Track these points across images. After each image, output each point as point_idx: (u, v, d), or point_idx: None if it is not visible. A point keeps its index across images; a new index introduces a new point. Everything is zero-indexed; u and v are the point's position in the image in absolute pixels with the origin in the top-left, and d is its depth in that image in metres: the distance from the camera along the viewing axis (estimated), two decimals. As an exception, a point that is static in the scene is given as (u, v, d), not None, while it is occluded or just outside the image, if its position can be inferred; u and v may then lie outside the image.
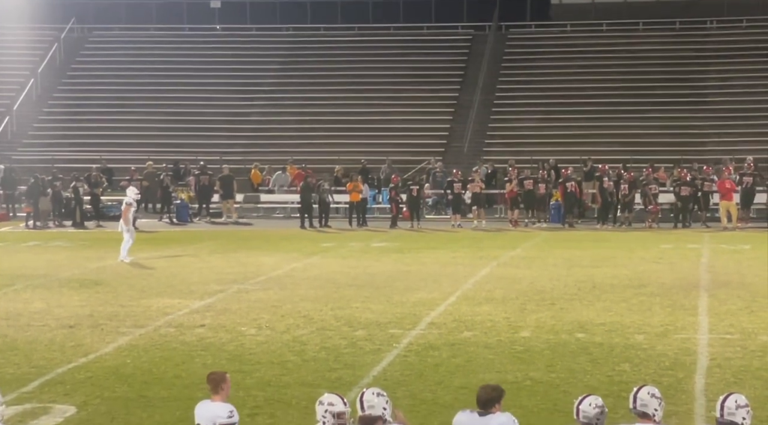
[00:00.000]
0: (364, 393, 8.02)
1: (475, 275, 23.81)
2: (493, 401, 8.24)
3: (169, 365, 15.30)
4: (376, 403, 7.97)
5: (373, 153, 41.48)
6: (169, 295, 21.27)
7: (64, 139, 44.79)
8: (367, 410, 7.96)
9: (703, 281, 22.77)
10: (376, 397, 7.99)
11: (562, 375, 14.52)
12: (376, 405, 7.97)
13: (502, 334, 17.15)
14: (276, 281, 23.24)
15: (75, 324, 18.23)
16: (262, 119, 45.74)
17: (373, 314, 18.93)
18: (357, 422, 8.02)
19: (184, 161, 41.36)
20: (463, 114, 44.99)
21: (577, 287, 21.87)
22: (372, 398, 7.98)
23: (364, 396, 8.00)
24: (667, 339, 16.66)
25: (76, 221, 36.75)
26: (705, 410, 12.48)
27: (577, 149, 40.32)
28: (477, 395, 8.29)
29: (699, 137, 42.43)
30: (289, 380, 14.38)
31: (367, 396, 8.00)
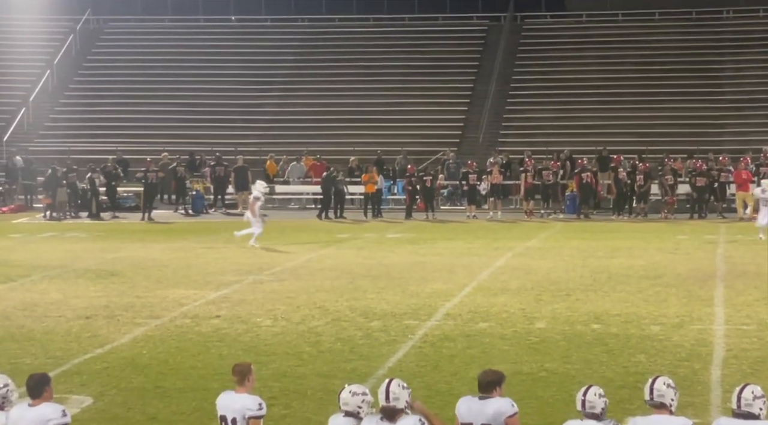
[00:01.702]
0: (391, 384, 8.06)
1: (490, 266, 23.79)
2: (493, 384, 8.29)
3: (185, 356, 15.34)
4: (401, 396, 8.04)
5: (388, 144, 41.46)
6: (185, 286, 21.32)
7: (79, 130, 44.89)
8: (392, 401, 8.01)
9: (720, 271, 22.70)
10: (402, 389, 8.05)
11: (577, 366, 14.51)
12: (400, 398, 8.04)
13: (518, 325, 17.14)
14: (291, 272, 23.27)
15: (91, 315, 18.29)
16: (277, 110, 45.76)
17: (389, 305, 18.94)
18: (378, 411, 8.06)
19: (200, 152, 41.41)
20: (478, 105, 44.92)
21: (593, 278, 21.83)
22: (398, 390, 8.03)
23: (391, 386, 8.03)
24: (683, 330, 16.63)
25: (92, 212, 36.85)
26: (721, 401, 12.45)
27: (593, 140, 40.22)
28: (478, 379, 8.36)
29: (715, 127, 42.28)
30: (304, 371, 14.40)
31: (394, 387, 8.04)
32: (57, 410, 8.23)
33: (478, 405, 8.24)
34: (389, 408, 8.01)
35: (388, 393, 8.02)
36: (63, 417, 8.21)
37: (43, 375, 8.50)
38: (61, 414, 8.21)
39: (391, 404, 8.02)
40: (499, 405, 8.22)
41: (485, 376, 8.40)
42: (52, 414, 8.18)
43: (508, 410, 8.20)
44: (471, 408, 8.25)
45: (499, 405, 8.21)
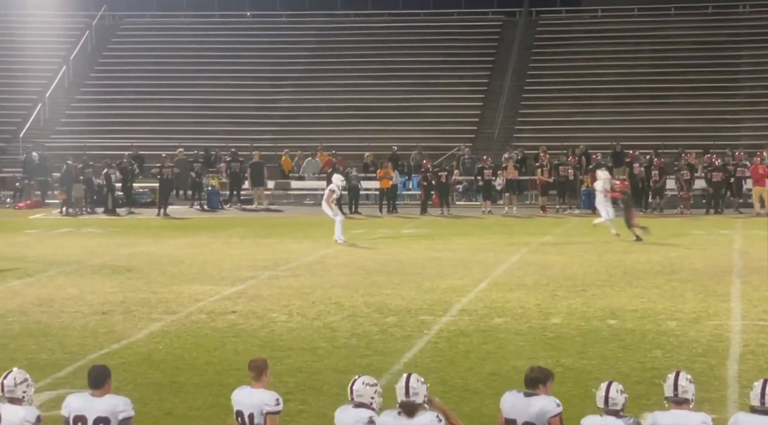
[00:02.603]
0: (410, 379, 8.06)
1: (505, 261, 23.77)
2: (537, 381, 8.29)
3: (200, 351, 15.37)
4: (420, 391, 8.05)
5: (403, 140, 41.45)
6: (201, 282, 21.36)
7: (95, 126, 45.00)
8: (412, 396, 8.02)
9: (736, 267, 22.63)
10: (421, 385, 8.06)
11: (593, 361, 14.48)
12: (419, 393, 8.06)
13: (533, 320, 17.11)
14: (307, 267, 23.29)
15: (107, 311, 18.34)
16: (292, 106, 45.79)
17: (404, 300, 18.94)
18: (398, 406, 8.06)
19: (215, 148, 41.48)
20: (494, 100, 44.87)
21: (609, 273, 21.79)
22: (417, 385, 8.05)
23: (410, 382, 8.04)
24: (699, 326, 16.58)
25: (108, 207, 36.95)
26: (738, 396, 12.41)
27: (608, 135, 40.13)
28: (525, 375, 8.38)
29: (731, 122, 42.14)
30: (320, 366, 14.41)
31: (413, 382, 8.05)
32: (127, 402, 8.40)
33: (523, 402, 8.22)
34: (408, 403, 8.02)
35: (408, 388, 8.03)
36: (132, 410, 8.41)
37: (105, 367, 8.65)
38: (130, 406, 8.39)
39: (410, 399, 8.03)
40: (544, 404, 8.20)
41: (531, 372, 8.39)
42: (123, 406, 8.35)
43: (553, 409, 8.19)
44: (515, 404, 8.24)
45: (544, 404, 8.20)
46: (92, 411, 8.29)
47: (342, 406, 8.37)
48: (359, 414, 8.12)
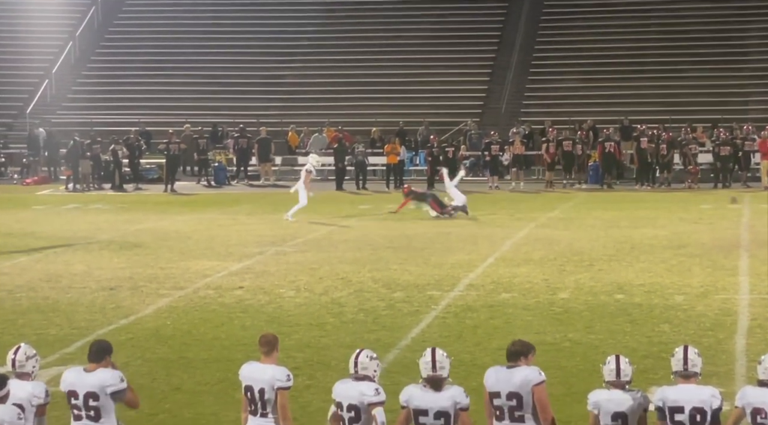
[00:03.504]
0: (436, 353, 8.11)
1: (513, 236, 23.76)
2: (519, 354, 8.33)
3: (208, 326, 15.42)
4: (446, 365, 8.13)
5: (410, 115, 41.35)
6: (208, 257, 21.39)
7: (102, 102, 44.95)
8: (438, 371, 8.07)
9: (744, 241, 22.60)
10: (446, 359, 8.13)
11: (601, 336, 14.50)
12: (445, 367, 8.13)
13: (541, 295, 17.12)
14: (314, 243, 23.30)
15: (115, 286, 18.39)
16: (299, 82, 45.68)
17: (411, 276, 18.95)
18: (423, 381, 8.09)
19: (222, 123, 41.44)
20: (501, 75, 44.72)
21: (616, 248, 21.78)
22: (443, 359, 8.13)
23: (436, 357, 8.11)
24: (707, 300, 16.58)
25: (115, 184, 36.98)
26: (746, 370, 12.42)
27: (616, 110, 40.00)
28: (507, 349, 8.43)
29: (739, 96, 41.96)
30: (327, 341, 14.45)
31: (439, 356, 8.11)
32: (115, 376, 8.39)
33: (506, 374, 8.26)
34: (436, 377, 8.07)
35: (435, 362, 8.10)
36: (121, 383, 8.38)
37: (107, 343, 8.67)
38: (119, 380, 8.38)
39: (437, 373, 8.07)
40: (527, 373, 8.24)
41: (513, 346, 8.44)
42: (111, 380, 8.35)
43: (535, 378, 8.21)
44: (498, 377, 8.28)
45: (526, 374, 8.24)
46: (83, 386, 8.33)
47: (342, 380, 8.39)
48: (364, 386, 8.14)
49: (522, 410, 8.17)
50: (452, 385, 8.14)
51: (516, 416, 8.19)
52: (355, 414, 8.12)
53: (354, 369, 8.24)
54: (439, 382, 8.08)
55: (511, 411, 8.19)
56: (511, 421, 8.21)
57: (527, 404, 8.17)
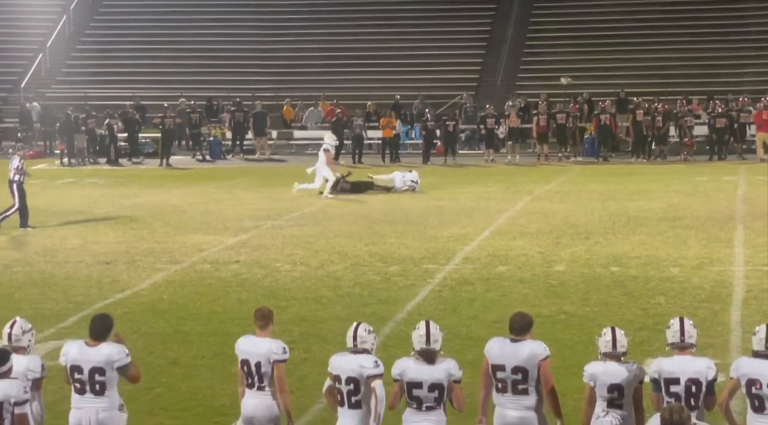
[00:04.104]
0: (430, 327, 8.12)
1: (508, 209, 23.77)
2: (527, 327, 8.35)
3: (204, 300, 15.44)
4: (439, 338, 8.14)
5: (406, 89, 41.24)
6: (204, 231, 21.39)
7: (97, 76, 44.80)
8: (432, 344, 8.10)
9: (739, 213, 22.62)
10: (439, 332, 8.15)
11: (596, 308, 14.54)
12: (439, 340, 8.15)
13: (537, 268, 17.15)
14: (310, 217, 23.31)
15: (111, 261, 18.39)
16: (294, 55, 45.50)
17: (407, 249, 18.97)
18: (416, 354, 8.11)
19: (217, 97, 41.34)
20: (496, 48, 44.60)
21: (612, 220, 21.79)
22: (437, 333, 8.18)
23: (430, 330, 8.13)
24: (702, 272, 16.61)
25: (110, 158, 36.92)
26: (741, 341, 12.46)
27: (612, 82, 39.94)
28: (511, 322, 8.39)
29: (735, 68, 41.87)
30: (324, 315, 14.47)
31: (433, 330, 8.16)
32: (121, 350, 8.42)
33: (512, 348, 8.27)
34: (429, 350, 8.10)
35: (429, 335, 8.12)
36: (126, 357, 8.42)
37: (109, 319, 8.64)
38: (125, 355, 8.41)
39: (431, 346, 8.10)
40: (533, 348, 8.27)
41: (520, 318, 8.43)
42: (118, 355, 8.38)
43: (542, 353, 8.26)
44: (504, 350, 8.28)
45: (533, 348, 8.26)
46: (88, 361, 8.34)
47: (338, 353, 8.40)
48: (363, 359, 8.16)
49: (526, 383, 8.22)
50: (445, 358, 8.16)
51: (519, 389, 8.23)
52: (354, 386, 8.15)
53: (353, 342, 8.26)
54: (433, 355, 8.10)
55: (515, 385, 8.23)
56: (513, 394, 8.24)
57: (532, 378, 8.22)
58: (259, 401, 8.49)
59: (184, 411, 10.91)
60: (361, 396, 8.15)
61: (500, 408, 8.31)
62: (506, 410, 8.26)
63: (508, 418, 8.24)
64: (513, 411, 8.23)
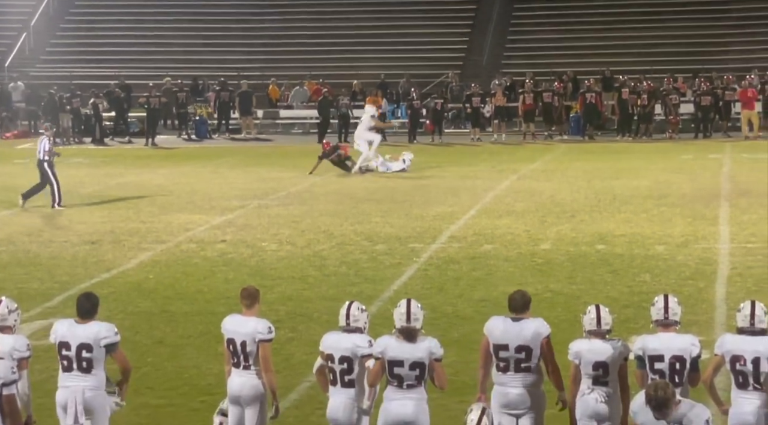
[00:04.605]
0: (411, 305, 8.12)
1: (494, 188, 23.78)
2: (527, 304, 8.37)
3: (191, 280, 15.43)
4: (420, 316, 8.15)
5: (391, 68, 41.13)
6: (190, 211, 21.36)
7: (81, 55, 44.57)
8: (413, 322, 8.10)
9: (724, 190, 22.69)
10: (420, 310, 8.15)
11: (582, 286, 14.58)
12: (420, 318, 8.14)
13: (523, 247, 17.18)
14: (296, 196, 23.29)
15: (97, 240, 18.36)
16: (280, 34, 45.35)
17: (393, 228, 18.98)
18: (397, 332, 8.12)
19: (202, 77, 41.19)
20: (482, 27, 44.51)
21: (597, 199, 21.83)
22: (418, 311, 8.15)
23: (411, 308, 8.12)
24: (687, 249, 16.67)
25: (96, 137, 36.80)
26: (726, 318, 12.53)
27: (597, 60, 39.86)
28: (511, 300, 8.38)
29: (720, 45, 41.89)
30: (310, 294, 14.49)
31: (414, 308, 8.12)
32: (110, 328, 8.43)
33: (514, 327, 8.27)
34: (410, 328, 8.10)
35: (409, 313, 8.11)
36: (115, 335, 8.42)
37: (96, 296, 8.65)
38: (113, 333, 8.41)
39: (411, 324, 8.10)
40: (537, 326, 8.30)
41: (520, 297, 8.43)
42: (106, 332, 8.38)
43: (545, 330, 8.30)
44: (507, 329, 8.28)
45: (537, 326, 8.29)
46: (76, 337, 8.35)
47: (331, 332, 8.40)
48: (356, 338, 8.17)
49: (529, 362, 8.24)
50: (426, 336, 8.16)
51: (522, 367, 8.24)
52: (347, 366, 8.15)
53: (345, 321, 8.26)
54: (413, 333, 8.10)
55: (518, 363, 8.24)
56: (516, 372, 8.25)
57: (535, 356, 8.24)
58: (245, 380, 8.49)
59: (170, 391, 10.92)
60: (355, 375, 8.16)
61: (501, 387, 8.31)
62: (508, 388, 8.27)
63: (510, 396, 8.26)
64: (515, 389, 8.25)
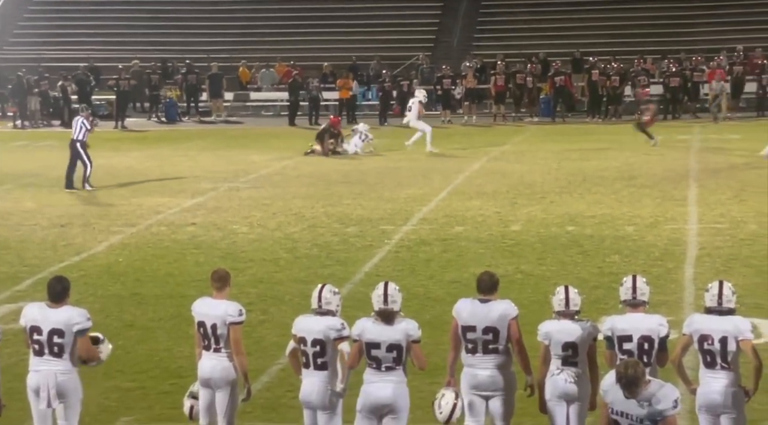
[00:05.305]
0: (388, 287, 8.13)
1: (465, 170, 23.82)
2: (495, 286, 8.40)
3: (161, 263, 15.39)
4: (398, 298, 8.16)
5: (362, 50, 41.07)
6: (160, 194, 21.28)
7: (49, 37, 44.22)
8: (390, 304, 8.10)
9: (693, 171, 22.84)
10: (398, 292, 8.17)
11: (552, 267, 14.65)
12: (397, 301, 8.15)
13: (493, 228, 17.24)
14: (267, 179, 23.25)
15: (66, 223, 18.27)
16: (250, 16, 45.14)
17: (365, 210, 18.99)
18: (375, 315, 8.13)
19: (172, 59, 40.97)
20: (452, 8, 44.48)
21: (568, 180, 21.91)
22: (395, 293, 8.16)
23: (388, 290, 8.13)
24: (656, 230, 16.78)
25: (64, 120, 36.54)
26: (694, 298, 12.62)
27: (567, 42, 39.96)
28: (479, 282, 8.40)
29: (688, 26, 42.03)
30: (281, 277, 14.49)
31: (391, 290, 8.14)
32: (82, 313, 8.36)
33: (482, 309, 8.30)
34: (387, 310, 8.11)
35: (386, 295, 8.13)
36: (87, 321, 8.36)
37: (67, 280, 8.56)
38: (86, 318, 8.35)
39: (389, 307, 8.11)
40: (504, 307, 8.32)
41: (488, 278, 8.44)
42: (78, 317, 8.32)
43: (513, 312, 8.33)
44: (475, 311, 8.31)
45: (504, 308, 8.32)
46: (47, 322, 8.30)
47: (303, 315, 8.40)
48: (329, 321, 8.17)
49: (497, 343, 8.26)
50: (404, 318, 8.19)
51: (490, 348, 8.27)
52: (320, 348, 8.15)
53: (318, 303, 8.25)
54: (391, 315, 8.12)
55: (486, 345, 8.26)
56: (484, 354, 8.28)
57: (503, 337, 8.26)
58: (216, 362, 8.49)
59: (140, 374, 10.91)
60: (327, 357, 8.17)
61: (470, 369, 8.34)
62: (477, 370, 8.30)
63: (479, 378, 8.29)
64: (484, 371, 8.28)
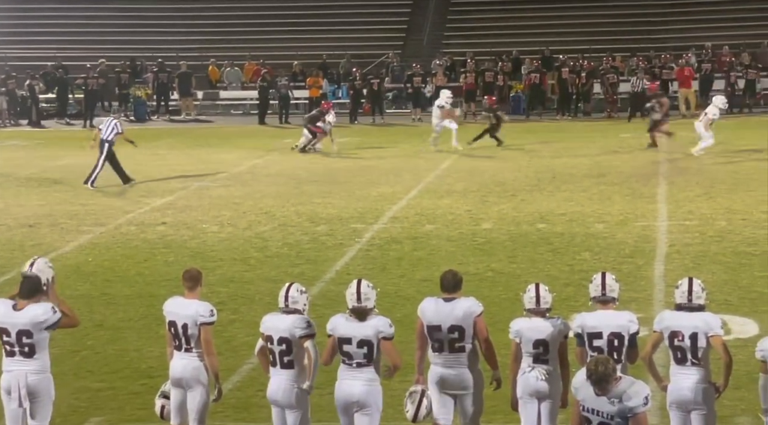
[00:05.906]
0: (361, 285, 8.14)
1: (436, 168, 23.84)
2: (459, 284, 8.40)
3: (131, 263, 15.32)
4: (371, 296, 8.15)
5: (332, 48, 41.03)
6: (130, 193, 21.18)
7: (16, 36, 43.94)
8: (364, 302, 8.11)
9: (662, 168, 22.95)
10: (371, 290, 8.16)
11: (523, 265, 14.68)
12: (371, 298, 8.16)
13: (464, 226, 17.26)
14: (237, 178, 23.18)
15: (35, 223, 18.16)
16: (220, 14, 45.01)
17: (335, 209, 18.97)
18: (349, 312, 8.13)
19: (140, 58, 40.79)
20: (422, 6, 44.51)
21: (538, 178, 21.97)
22: (368, 290, 8.18)
23: (362, 287, 8.12)
24: (626, 227, 16.85)
25: (32, 119, 36.32)
26: (664, 295, 12.68)
27: (536, 40, 40.06)
28: (443, 281, 8.41)
29: (658, 24, 42.26)
30: (251, 276, 14.45)
31: (364, 288, 8.14)
32: (47, 309, 8.28)
33: (446, 307, 8.31)
34: (361, 308, 8.11)
35: (360, 293, 8.13)
36: (54, 314, 8.28)
37: (37, 278, 8.51)
38: (51, 312, 8.27)
39: (362, 304, 8.11)
40: (468, 305, 8.33)
41: (452, 276, 8.45)
42: (44, 315, 8.25)
43: (477, 309, 8.33)
44: (439, 310, 8.32)
45: (468, 306, 8.32)
46: (14, 324, 8.25)
47: (271, 313, 8.38)
48: (295, 319, 8.16)
49: (463, 341, 8.27)
50: (377, 315, 8.19)
51: (456, 347, 8.28)
52: (286, 347, 8.16)
53: (284, 302, 8.25)
54: (364, 313, 8.13)
55: (452, 343, 8.28)
56: (450, 352, 8.29)
57: (468, 335, 8.28)
58: (187, 362, 8.46)
59: (110, 374, 10.85)
60: (294, 356, 8.17)
61: (437, 367, 8.36)
62: (443, 369, 8.32)
63: (447, 376, 8.31)
64: (450, 369, 8.30)
